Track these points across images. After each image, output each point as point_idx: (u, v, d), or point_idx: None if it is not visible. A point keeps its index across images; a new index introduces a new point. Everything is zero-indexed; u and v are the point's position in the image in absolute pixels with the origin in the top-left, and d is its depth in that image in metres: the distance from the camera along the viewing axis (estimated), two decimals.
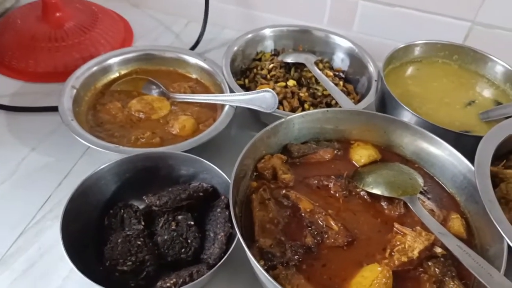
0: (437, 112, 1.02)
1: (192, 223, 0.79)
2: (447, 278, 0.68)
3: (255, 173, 0.81)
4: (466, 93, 1.09)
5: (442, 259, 0.70)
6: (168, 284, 0.70)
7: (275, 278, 0.66)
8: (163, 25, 1.36)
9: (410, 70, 1.14)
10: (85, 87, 1.01)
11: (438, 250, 0.71)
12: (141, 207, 0.83)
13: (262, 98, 0.93)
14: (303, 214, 0.75)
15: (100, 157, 0.87)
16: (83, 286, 0.74)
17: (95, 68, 1.04)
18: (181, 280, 0.70)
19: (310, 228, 0.74)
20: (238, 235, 0.65)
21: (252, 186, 0.79)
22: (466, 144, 0.87)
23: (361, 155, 0.85)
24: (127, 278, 0.73)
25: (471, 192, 0.78)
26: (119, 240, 0.75)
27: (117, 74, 1.08)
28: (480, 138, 0.84)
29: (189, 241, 0.78)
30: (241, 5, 1.32)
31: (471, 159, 0.78)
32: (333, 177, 0.81)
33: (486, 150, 0.80)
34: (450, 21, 1.19)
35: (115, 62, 1.07)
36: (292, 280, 0.66)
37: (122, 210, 0.81)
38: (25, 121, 1.03)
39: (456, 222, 0.76)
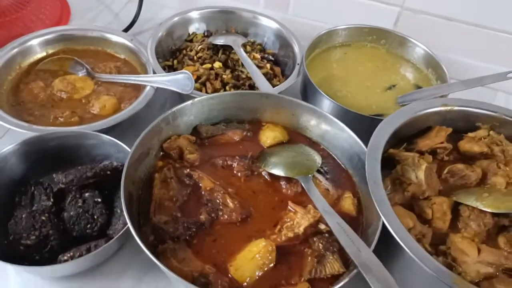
0: (356, 96, 1.06)
1: (99, 200, 0.82)
2: (328, 253, 0.72)
3: (161, 153, 0.84)
4: (389, 77, 1.13)
5: (326, 235, 0.75)
6: (65, 257, 0.74)
7: (163, 252, 0.69)
8: (103, 4, 1.37)
9: (337, 54, 1.17)
10: (8, 66, 1.03)
11: (322, 226, 0.75)
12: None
13: (180, 80, 0.95)
14: (203, 193, 0.79)
15: (23, 136, 0.88)
16: None
17: (19, 48, 1.05)
18: (78, 253, 0.74)
19: (206, 206, 0.77)
20: (124, 211, 0.68)
21: (158, 165, 0.83)
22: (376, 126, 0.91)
23: (268, 136, 0.88)
24: (31, 252, 0.76)
25: (364, 173, 0.81)
26: (23, 216, 0.78)
27: (44, 54, 1.09)
28: None
29: (95, 217, 0.80)
30: None
31: None
32: (237, 157, 0.84)
33: (382, 133, 0.84)
34: (382, 6, 1.22)
35: (41, 41, 1.08)
36: (179, 254, 0.70)
37: (33, 187, 0.84)
38: None
39: (347, 201, 0.81)
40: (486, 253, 0.74)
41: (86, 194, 0.82)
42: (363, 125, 0.88)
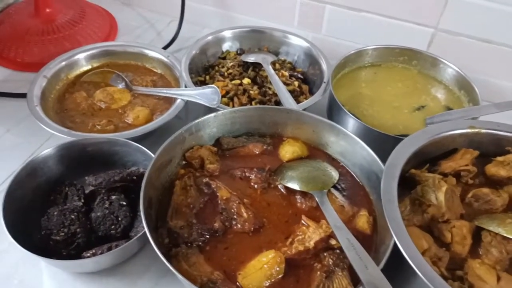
0: (383, 115, 1.06)
1: (125, 203, 0.87)
2: (337, 269, 0.73)
3: (183, 162, 0.88)
4: (419, 98, 1.12)
5: (338, 251, 0.75)
6: (88, 254, 0.79)
7: (175, 255, 0.73)
8: (148, 23, 1.45)
9: (367, 74, 1.17)
10: (56, 77, 1.11)
11: (333, 242, 0.75)
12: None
13: (208, 93, 0.99)
14: (219, 201, 0.82)
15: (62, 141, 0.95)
16: (22, 255, 0.82)
17: (67, 61, 1.14)
18: (100, 251, 0.78)
19: (221, 214, 0.80)
20: (142, 213, 0.72)
21: (179, 173, 0.86)
22: None
23: (287, 151, 0.90)
24: (60, 247, 0.82)
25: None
26: (55, 213, 0.84)
27: (89, 67, 1.18)
28: None
29: (119, 219, 0.85)
30: (219, 6, 1.40)
31: None
32: (255, 169, 0.87)
33: (402, 152, 0.83)
34: (415, 27, 1.21)
35: (87, 55, 1.17)
36: (190, 258, 0.73)
37: (67, 188, 0.91)
38: (4, 105, 1.14)
39: (362, 219, 0.81)
40: (506, 282, 0.72)
41: (113, 197, 0.87)
42: (387, 145, 0.87)
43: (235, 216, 0.79)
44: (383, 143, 0.90)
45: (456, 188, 0.85)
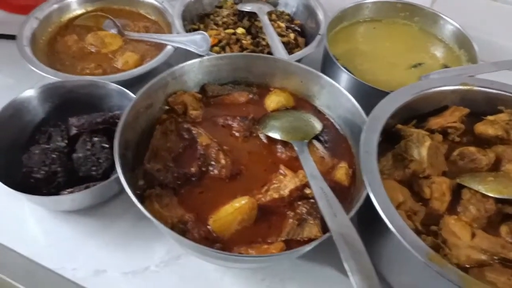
0: (377, 71, 1.03)
1: (107, 146, 0.87)
2: (309, 217, 0.72)
3: (166, 107, 0.87)
4: (417, 55, 1.08)
5: (312, 201, 0.74)
6: (65, 192, 0.79)
7: (149, 196, 0.73)
8: None
9: (365, 29, 1.14)
10: (49, 19, 1.10)
11: (308, 191, 0.75)
12: None
13: (197, 40, 0.97)
14: (198, 147, 0.81)
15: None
16: (5, 192, 0.83)
17: (61, 3, 1.13)
18: (77, 189, 0.79)
19: (199, 159, 0.79)
20: (115, 153, 0.72)
21: (161, 118, 0.86)
22: None
23: (272, 100, 0.89)
24: (40, 185, 0.82)
25: None
26: (37, 151, 0.84)
27: (83, 10, 1.16)
28: None
29: (100, 161, 0.85)
30: None
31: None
32: (238, 118, 0.85)
33: (387, 105, 0.81)
34: None
35: None
36: (163, 199, 0.73)
37: (51, 128, 0.91)
38: None
39: (341, 171, 0.80)
40: (480, 239, 0.71)
41: (95, 139, 0.87)
42: (379, 101, 0.85)
43: (212, 162, 0.79)
44: (375, 99, 0.86)
45: (442, 145, 0.83)
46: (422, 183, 0.77)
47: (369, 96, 0.88)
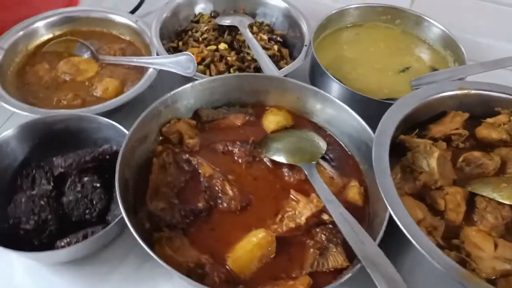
0: (367, 79, 1.01)
1: (98, 185, 0.80)
2: (331, 245, 0.69)
3: (160, 137, 0.82)
4: (403, 59, 1.07)
5: (330, 226, 0.71)
6: (62, 243, 0.73)
7: (158, 240, 0.67)
8: None
9: (348, 35, 1.12)
10: (14, 49, 1.02)
11: (326, 217, 0.72)
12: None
13: (182, 61, 0.92)
14: (201, 179, 0.76)
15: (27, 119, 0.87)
16: None
17: (24, 31, 1.04)
18: (74, 240, 0.72)
19: (205, 193, 0.75)
20: (118, 198, 0.66)
21: (157, 150, 0.80)
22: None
23: (270, 121, 0.85)
24: (31, 237, 0.75)
25: (371, 161, 0.77)
26: (23, 200, 0.77)
27: (50, 35, 1.07)
28: None
29: (94, 202, 0.79)
30: None
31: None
32: (238, 142, 0.81)
33: (391, 118, 0.79)
34: None
35: (47, 22, 1.07)
36: (174, 242, 0.68)
37: (34, 170, 0.83)
38: None
39: (353, 190, 0.77)
40: (503, 248, 0.69)
41: (85, 179, 0.81)
42: (372, 110, 0.83)
43: (220, 194, 0.74)
44: (368, 108, 0.86)
45: (446, 153, 0.82)
46: (435, 194, 0.76)
47: (362, 105, 0.87)
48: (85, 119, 0.85)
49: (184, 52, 0.92)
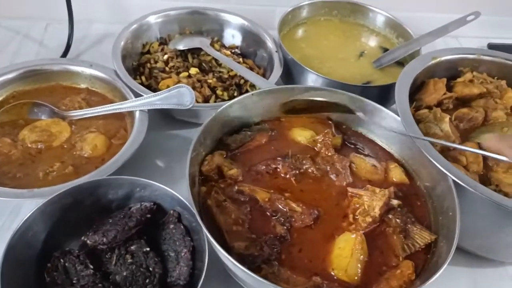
0: (337, 70, 1.07)
1: (148, 249, 0.72)
2: (409, 225, 0.73)
3: (201, 177, 0.76)
4: (354, 45, 1.15)
5: (399, 209, 0.75)
6: None
7: (268, 278, 0.63)
8: (19, 34, 1.17)
9: (299, 34, 1.16)
10: None
11: (395, 202, 0.75)
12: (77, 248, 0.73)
13: (178, 95, 0.86)
14: (262, 205, 0.73)
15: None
16: None
17: None
18: None
19: (275, 217, 0.72)
20: (216, 244, 0.61)
21: (202, 192, 0.74)
22: (370, 94, 0.93)
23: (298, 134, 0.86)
24: None
25: (402, 140, 0.83)
26: None
27: None
28: (381, 87, 0.92)
29: (150, 269, 0.71)
30: None
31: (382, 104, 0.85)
32: (279, 158, 0.79)
33: (402, 98, 0.85)
34: None
35: None
36: (280, 275, 0.65)
37: (62, 260, 0.70)
38: None
39: (397, 171, 0.82)
40: None
41: (133, 247, 0.72)
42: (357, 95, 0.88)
43: (289, 214, 0.72)
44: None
45: None
46: (455, 154, 0.84)
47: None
48: (100, 184, 0.74)
49: (178, 85, 0.86)
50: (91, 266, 0.70)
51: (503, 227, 0.76)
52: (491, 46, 1.36)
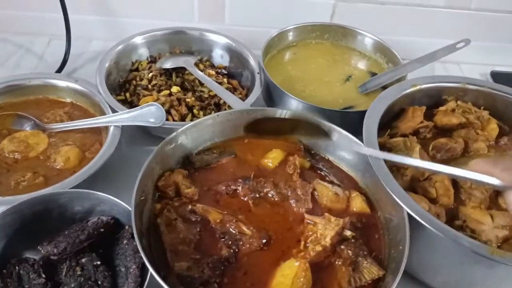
0: (320, 93, 1.06)
1: (99, 262, 0.73)
2: (360, 258, 0.71)
3: (157, 194, 0.77)
4: (342, 69, 1.15)
5: (353, 240, 0.73)
6: None
7: None
8: (22, 48, 1.23)
9: (287, 56, 1.16)
10: None
11: (348, 233, 0.73)
12: (37, 257, 0.75)
13: (148, 113, 0.88)
14: (213, 226, 0.74)
15: None
16: None
17: None
18: None
19: (223, 239, 0.72)
20: (150, 269, 0.61)
21: (156, 209, 0.75)
22: (351, 119, 0.92)
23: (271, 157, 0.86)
24: None
25: (365, 168, 0.82)
26: None
27: None
28: (362, 112, 0.89)
29: (99, 282, 0.72)
30: (104, 14, 1.24)
31: (359, 131, 0.83)
32: (240, 180, 0.80)
33: (370, 125, 0.84)
34: (316, 1, 1.23)
35: None
36: None
37: (17, 267, 0.73)
38: None
39: (357, 200, 0.80)
40: (498, 218, 0.77)
41: (83, 260, 0.73)
42: (335, 120, 0.88)
43: (238, 236, 0.72)
44: (331, 119, 0.89)
45: None
46: (425, 185, 0.82)
47: (324, 118, 0.90)
48: (61, 196, 0.77)
49: (150, 103, 0.89)
50: (44, 276, 0.72)
51: (464, 264, 0.73)
52: (494, 74, 1.32)
